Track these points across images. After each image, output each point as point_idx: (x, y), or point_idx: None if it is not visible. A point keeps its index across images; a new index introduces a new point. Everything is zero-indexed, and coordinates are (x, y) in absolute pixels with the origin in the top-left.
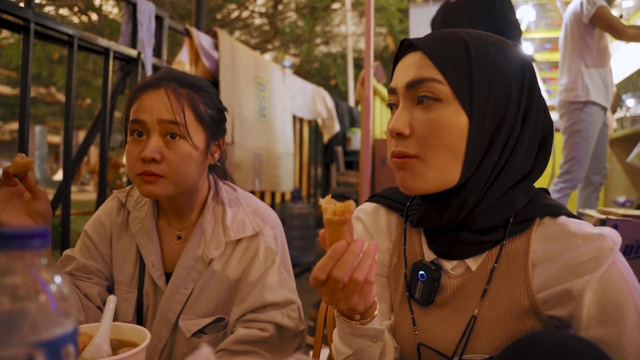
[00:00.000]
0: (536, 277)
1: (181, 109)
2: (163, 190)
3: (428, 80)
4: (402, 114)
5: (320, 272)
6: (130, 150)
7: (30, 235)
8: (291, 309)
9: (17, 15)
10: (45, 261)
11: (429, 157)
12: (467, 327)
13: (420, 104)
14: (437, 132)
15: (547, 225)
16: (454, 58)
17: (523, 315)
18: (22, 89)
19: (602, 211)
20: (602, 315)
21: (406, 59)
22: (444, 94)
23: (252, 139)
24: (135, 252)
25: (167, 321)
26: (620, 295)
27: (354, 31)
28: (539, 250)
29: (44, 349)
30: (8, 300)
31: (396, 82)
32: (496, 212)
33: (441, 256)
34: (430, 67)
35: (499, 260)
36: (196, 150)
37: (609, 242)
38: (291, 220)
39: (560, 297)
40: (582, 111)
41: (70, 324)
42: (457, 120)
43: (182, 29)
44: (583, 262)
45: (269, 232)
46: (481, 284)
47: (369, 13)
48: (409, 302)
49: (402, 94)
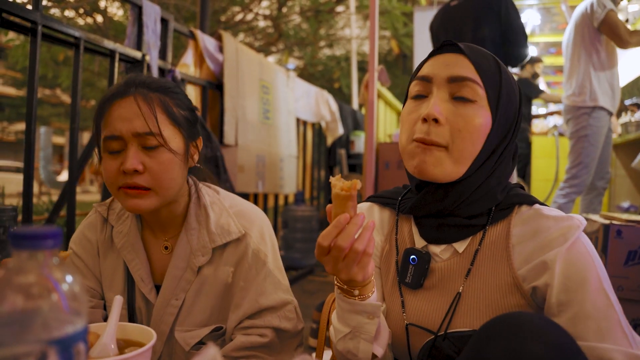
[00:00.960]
0: (516, 256)
1: (154, 115)
2: (150, 204)
3: (470, 80)
4: (438, 103)
5: (324, 240)
6: (108, 164)
7: (43, 236)
8: (288, 310)
9: (25, 18)
10: (57, 261)
11: (455, 149)
12: (452, 303)
13: (459, 100)
14: (469, 128)
15: (524, 212)
16: (489, 68)
17: (506, 291)
18: (29, 91)
19: (605, 216)
20: (569, 281)
21: (447, 56)
22: (479, 96)
23: (256, 141)
24: (122, 268)
25: (160, 333)
26: (584, 264)
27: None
28: (517, 233)
29: (56, 347)
30: (22, 298)
31: (434, 72)
32: (482, 203)
33: (431, 242)
34: (472, 70)
35: (482, 242)
36: (176, 156)
37: (575, 221)
38: (294, 223)
39: (537, 269)
40: (590, 116)
41: (80, 323)
42: (485, 121)
43: (187, 32)
44: (554, 237)
45: (256, 232)
46: (466, 265)
47: (374, 17)
48: (399, 287)
49: (439, 85)
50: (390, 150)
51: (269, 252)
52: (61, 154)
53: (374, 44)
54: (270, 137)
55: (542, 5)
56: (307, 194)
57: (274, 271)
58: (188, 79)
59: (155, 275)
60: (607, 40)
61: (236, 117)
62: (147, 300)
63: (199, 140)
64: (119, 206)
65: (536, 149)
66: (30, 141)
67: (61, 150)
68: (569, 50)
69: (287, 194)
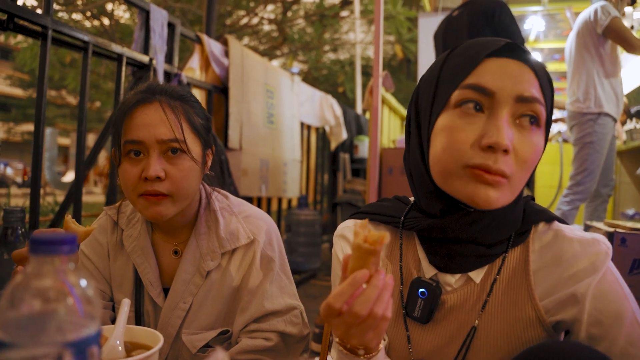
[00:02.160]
0: (537, 285)
1: (179, 123)
2: (168, 210)
3: (539, 102)
4: (506, 129)
5: (336, 301)
6: (128, 169)
7: (59, 242)
8: (293, 315)
9: (36, 22)
10: (73, 266)
11: (517, 179)
12: (467, 338)
13: (528, 124)
14: (535, 157)
15: (542, 232)
16: (548, 83)
17: (527, 325)
18: (38, 93)
19: (609, 224)
20: (602, 315)
21: (508, 63)
22: (543, 119)
23: (260, 145)
24: (132, 271)
25: (167, 336)
26: (617, 297)
27: (362, 39)
28: (537, 259)
29: (72, 349)
30: (39, 302)
31: (498, 85)
32: (508, 227)
33: (442, 270)
34: (538, 88)
35: (500, 271)
36: (196, 163)
37: (603, 247)
38: (297, 227)
39: (564, 302)
40: (595, 122)
41: (94, 327)
42: (542, 145)
43: (193, 36)
44: (582, 267)
45: (264, 238)
46: (482, 296)
47: (379, 23)
48: (404, 320)
49: (504, 103)
50: (393, 155)
51: (276, 257)
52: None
53: (379, 48)
54: (274, 141)
55: (546, 11)
56: (310, 198)
57: (281, 276)
58: (194, 82)
59: (163, 278)
60: (612, 46)
61: (241, 121)
62: (155, 304)
63: (213, 147)
64: (129, 210)
65: None
66: (38, 143)
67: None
68: (571, 57)
69: (290, 198)
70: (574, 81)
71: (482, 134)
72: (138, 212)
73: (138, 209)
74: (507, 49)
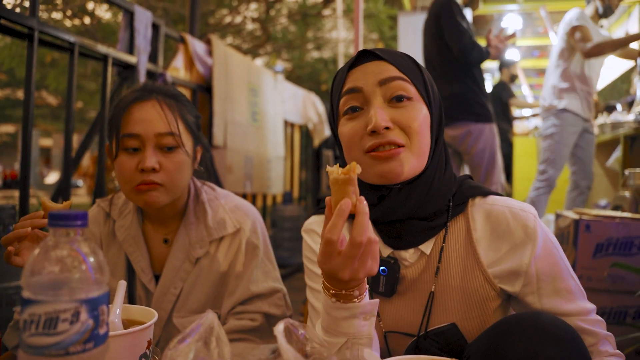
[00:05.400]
0: (482, 251)
1: (175, 119)
2: (164, 199)
3: (399, 78)
4: (379, 112)
5: (332, 233)
6: (125, 162)
7: (74, 217)
8: (277, 298)
9: (22, 24)
10: (85, 238)
11: (413, 145)
12: (427, 303)
13: (397, 102)
14: (416, 122)
15: (479, 205)
16: (408, 64)
17: (477, 286)
18: (25, 94)
19: (576, 211)
20: (544, 276)
21: (368, 65)
22: (412, 92)
23: (244, 142)
24: (124, 259)
25: (159, 319)
26: (553, 261)
27: (345, 37)
28: (478, 228)
29: (86, 305)
30: (58, 267)
31: (362, 82)
32: (440, 197)
33: (396, 248)
34: (395, 71)
35: (445, 239)
36: (188, 158)
37: (530, 215)
38: (282, 222)
39: (510, 275)
40: (556, 116)
41: (104, 289)
42: (424, 112)
43: (177, 36)
44: (519, 238)
45: (250, 227)
46: (434, 264)
47: (358, 22)
48: (371, 297)
49: (371, 93)
50: None
51: (261, 245)
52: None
53: (359, 47)
54: (258, 138)
55: (522, 10)
56: (294, 194)
57: (265, 261)
58: (178, 82)
59: (154, 266)
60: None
61: (225, 119)
62: (147, 289)
63: (201, 144)
64: (120, 201)
65: (518, 149)
66: (26, 144)
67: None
68: (551, 56)
69: (274, 194)
70: (546, 79)
71: (366, 124)
72: (129, 204)
73: (132, 197)
74: (363, 56)
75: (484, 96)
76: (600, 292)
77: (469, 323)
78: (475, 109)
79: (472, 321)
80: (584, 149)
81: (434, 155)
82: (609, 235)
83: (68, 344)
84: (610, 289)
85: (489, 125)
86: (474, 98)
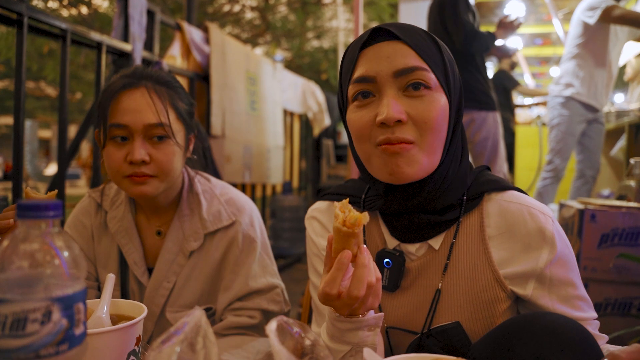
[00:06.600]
0: (494, 250)
1: (165, 109)
2: (154, 189)
3: (419, 69)
4: (394, 103)
5: (331, 287)
6: (113, 152)
7: (45, 207)
8: (275, 293)
9: (11, 9)
10: (58, 230)
11: (425, 142)
12: (433, 300)
13: (413, 89)
14: (432, 116)
15: (495, 200)
16: (429, 47)
17: (486, 285)
18: (16, 83)
19: (581, 201)
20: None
21: (382, 46)
22: (432, 81)
23: (243, 132)
24: (116, 252)
25: (151, 314)
26: (567, 267)
27: (345, 26)
28: (492, 224)
29: (59, 304)
30: (28, 262)
31: (375, 70)
32: (453, 191)
33: (403, 240)
34: (413, 57)
35: (457, 235)
36: (180, 147)
37: (547, 218)
38: (282, 212)
39: (522, 277)
40: (563, 105)
41: (80, 285)
42: (442, 102)
43: (173, 24)
44: (533, 242)
45: (246, 220)
46: (442, 261)
47: (358, 10)
48: None
49: (386, 82)
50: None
51: (258, 238)
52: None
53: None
54: (257, 128)
55: None
56: (294, 184)
57: (263, 256)
58: (175, 70)
59: (148, 258)
60: (595, 36)
61: (223, 108)
62: (140, 283)
63: (195, 132)
64: (112, 192)
65: (520, 139)
66: (19, 135)
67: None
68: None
69: (274, 184)
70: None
71: (376, 114)
72: (121, 194)
73: (123, 188)
74: (376, 34)
75: (487, 84)
76: (605, 283)
77: (475, 324)
78: (478, 97)
79: (478, 322)
80: (592, 138)
81: (450, 146)
82: (614, 225)
83: (39, 347)
84: (615, 280)
85: (492, 113)
86: (477, 86)
